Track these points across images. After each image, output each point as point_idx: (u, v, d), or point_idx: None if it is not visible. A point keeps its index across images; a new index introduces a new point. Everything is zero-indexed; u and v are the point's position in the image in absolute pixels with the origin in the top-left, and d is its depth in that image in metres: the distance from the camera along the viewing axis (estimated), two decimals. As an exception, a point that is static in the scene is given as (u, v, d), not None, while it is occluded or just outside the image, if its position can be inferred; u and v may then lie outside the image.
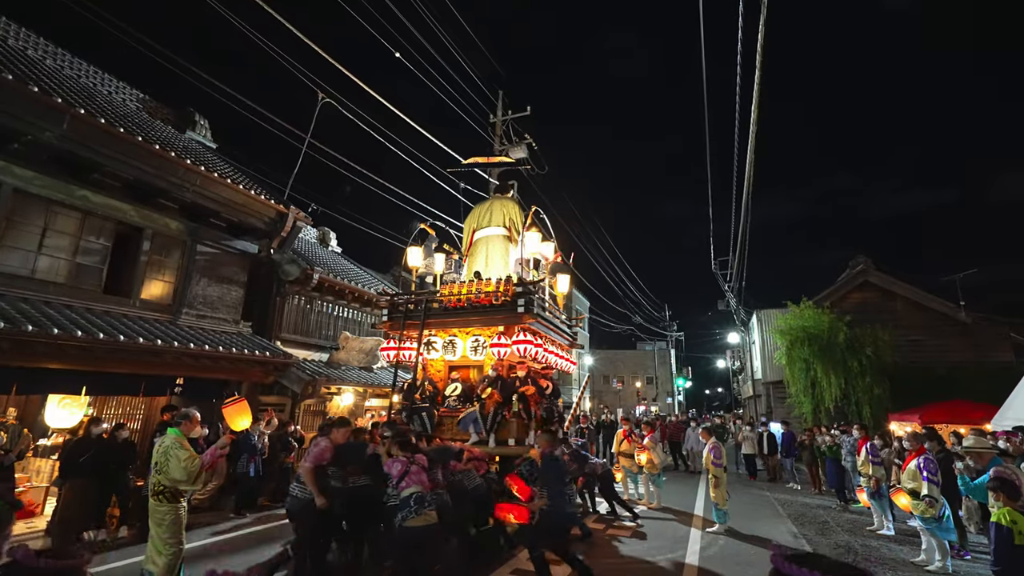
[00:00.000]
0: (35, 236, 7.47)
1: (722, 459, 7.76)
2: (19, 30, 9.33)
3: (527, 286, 7.67)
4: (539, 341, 7.72)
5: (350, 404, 12.03)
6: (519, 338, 7.28)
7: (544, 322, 8.14)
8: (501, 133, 13.48)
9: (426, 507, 4.46)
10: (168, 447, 4.33)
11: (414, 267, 9.22)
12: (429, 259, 9.41)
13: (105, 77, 10.77)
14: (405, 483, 4.54)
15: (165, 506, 4.30)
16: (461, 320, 8.01)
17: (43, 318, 6.65)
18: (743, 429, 14.48)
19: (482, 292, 7.83)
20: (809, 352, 15.48)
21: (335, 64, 8.21)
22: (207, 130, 12.42)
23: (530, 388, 7.62)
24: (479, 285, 8.05)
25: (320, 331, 12.87)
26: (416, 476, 4.61)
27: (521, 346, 7.22)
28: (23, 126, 6.77)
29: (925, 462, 6.08)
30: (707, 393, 61.59)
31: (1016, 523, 3.78)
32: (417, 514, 4.38)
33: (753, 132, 7.15)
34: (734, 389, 34.84)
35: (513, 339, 7.32)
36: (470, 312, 7.86)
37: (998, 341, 16.40)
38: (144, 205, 8.71)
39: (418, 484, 4.56)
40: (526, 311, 7.31)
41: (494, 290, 7.76)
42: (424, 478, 4.66)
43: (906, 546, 6.92)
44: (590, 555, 6.05)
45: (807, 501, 10.29)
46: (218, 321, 9.81)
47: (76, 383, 7.13)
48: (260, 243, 10.76)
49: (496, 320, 7.69)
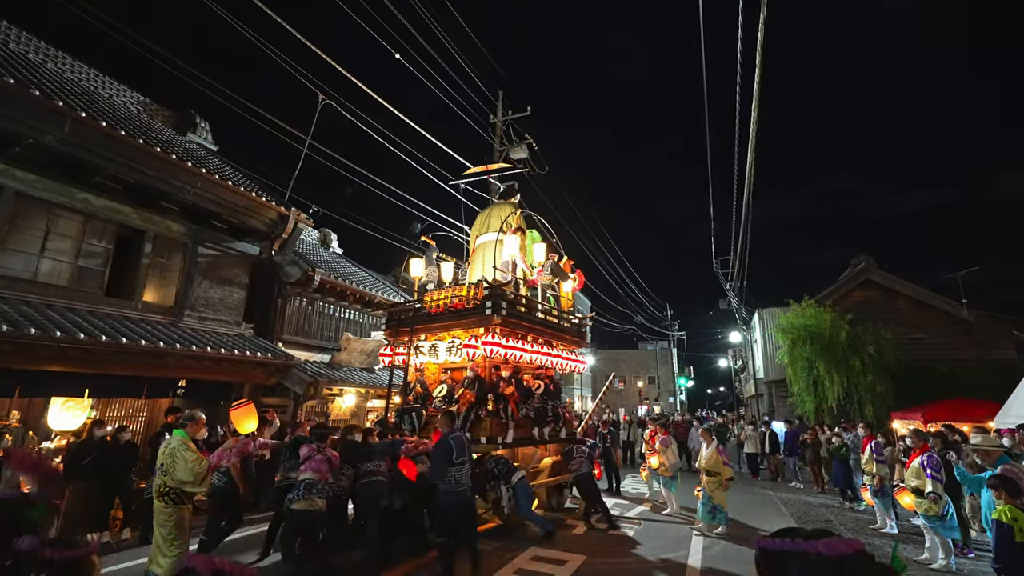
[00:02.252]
0: (37, 239, 7.50)
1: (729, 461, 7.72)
2: (20, 34, 9.35)
3: (495, 289, 7.93)
4: (513, 342, 7.92)
5: (352, 405, 12.04)
6: (488, 339, 7.49)
7: (527, 322, 8.32)
8: (501, 133, 13.49)
9: (313, 493, 4.80)
10: (174, 448, 4.34)
11: (416, 277, 9.52)
12: (431, 268, 9.67)
13: (106, 80, 10.80)
14: (304, 467, 4.97)
15: (170, 508, 4.31)
16: (442, 325, 8.43)
17: (46, 321, 6.67)
18: (745, 428, 14.46)
19: (456, 297, 8.25)
20: (811, 351, 15.47)
21: (335, 66, 8.23)
22: (208, 132, 12.44)
23: (508, 388, 7.81)
24: (454, 291, 8.50)
25: (322, 332, 12.88)
26: (315, 464, 4.96)
27: (491, 347, 7.45)
28: (25, 130, 6.78)
29: (928, 459, 6.08)
30: (709, 392, 61.48)
31: (1017, 520, 3.78)
32: (303, 498, 4.74)
33: (753, 131, 7.15)
34: (736, 388, 34.78)
35: (482, 340, 7.55)
36: (449, 317, 8.30)
37: (1001, 339, 16.38)
38: (145, 208, 8.73)
39: (315, 472, 4.92)
40: (494, 312, 7.56)
41: (466, 295, 8.14)
42: (323, 468, 4.99)
43: (909, 544, 6.91)
44: (592, 555, 6.07)
45: (810, 500, 10.28)
46: (220, 323, 9.83)
47: (79, 386, 7.15)
48: (261, 245, 10.77)
49: (470, 323, 8.02)
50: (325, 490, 4.99)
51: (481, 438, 7.39)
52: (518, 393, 7.93)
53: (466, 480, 5.23)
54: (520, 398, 7.91)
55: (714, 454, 7.65)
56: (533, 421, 8.12)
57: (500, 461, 6.87)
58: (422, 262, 9.64)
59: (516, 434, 7.66)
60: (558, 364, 9.36)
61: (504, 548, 6.30)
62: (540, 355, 8.55)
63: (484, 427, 7.46)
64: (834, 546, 1.06)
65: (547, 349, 8.82)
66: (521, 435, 7.83)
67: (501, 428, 7.47)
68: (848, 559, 1.04)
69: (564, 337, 9.41)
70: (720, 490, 7.38)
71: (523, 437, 7.89)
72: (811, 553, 1.06)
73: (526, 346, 8.22)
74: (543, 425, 8.28)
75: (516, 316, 8.05)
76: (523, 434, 7.90)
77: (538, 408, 8.21)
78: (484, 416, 7.54)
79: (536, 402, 8.26)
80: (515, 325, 8.03)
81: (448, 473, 5.12)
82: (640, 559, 6.15)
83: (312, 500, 4.77)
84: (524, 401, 8.03)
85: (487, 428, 7.44)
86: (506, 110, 13.73)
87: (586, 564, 5.79)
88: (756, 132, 7.18)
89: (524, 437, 7.92)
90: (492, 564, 5.69)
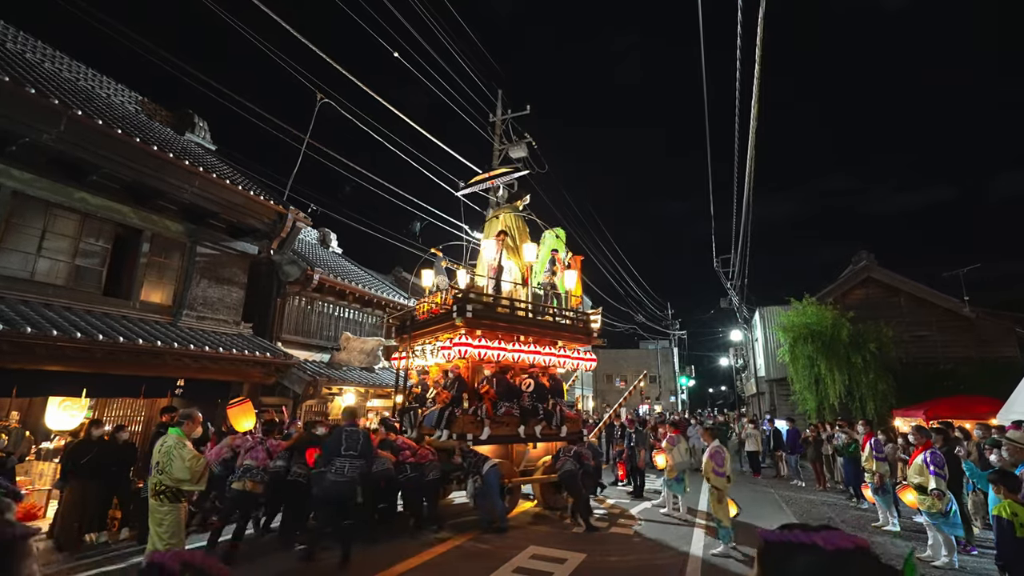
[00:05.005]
0: (34, 238, 7.48)
1: (724, 467, 6.38)
2: (17, 33, 9.34)
3: (464, 293, 8.48)
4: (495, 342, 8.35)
5: (352, 404, 12.02)
6: (458, 341, 8.04)
7: (506, 322, 8.63)
8: (501, 133, 13.44)
9: (247, 477, 5.83)
10: (171, 447, 4.32)
11: (427, 287, 10.26)
12: (440, 278, 10.25)
13: (104, 80, 10.79)
14: (248, 456, 6.05)
15: (166, 506, 4.29)
16: (429, 331, 9.15)
17: (43, 320, 6.65)
18: (746, 427, 14.40)
19: (434, 303, 9.03)
20: (812, 349, 15.41)
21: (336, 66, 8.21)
22: (207, 132, 12.42)
23: (484, 387, 8.31)
24: (433, 297, 9.29)
25: (321, 332, 12.86)
26: (254, 453, 6.07)
27: (461, 347, 8.00)
28: (21, 128, 6.76)
29: (932, 456, 6.03)
30: (711, 391, 61.38)
31: (1017, 515, 3.74)
32: (240, 480, 5.82)
33: (753, 128, 7.10)
34: (737, 387, 34.72)
35: (453, 342, 8.13)
36: (432, 323, 8.95)
37: (1003, 336, 16.30)
38: (143, 207, 8.71)
39: (254, 459, 6.01)
40: (458, 315, 8.04)
41: (440, 301, 8.88)
42: (262, 456, 6.09)
43: (912, 542, 6.86)
44: (592, 553, 6.03)
45: (812, 498, 10.23)
46: (218, 322, 9.81)
47: (76, 385, 7.14)
48: (260, 244, 10.75)
49: (445, 327, 8.57)
50: (259, 475, 5.92)
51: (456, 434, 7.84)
52: (503, 391, 8.27)
53: (350, 472, 5.64)
54: (497, 396, 8.22)
55: (707, 459, 6.55)
56: (519, 419, 8.25)
57: (470, 455, 7.36)
58: (432, 273, 10.31)
59: (501, 431, 8.01)
60: (557, 362, 9.32)
61: (504, 547, 6.26)
62: (526, 353, 8.75)
63: (459, 425, 7.86)
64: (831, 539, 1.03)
65: (537, 348, 8.89)
66: (505, 433, 8.11)
67: (476, 426, 7.83)
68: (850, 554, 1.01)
69: (560, 335, 9.33)
70: (718, 503, 6.35)
71: (507, 435, 8.16)
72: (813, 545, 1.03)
73: (507, 345, 8.55)
74: (531, 423, 8.40)
75: (490, 317, 8.41)
76: (508, 432, 8.16)
77: (525, 407, 8.36)
78: (459, 415, 7.94)
79: (525, 400, 8.43)
80: (490, 326, 8.38)
81: (334, 463, 5.64)
82: (640, 557, 6.10)
83: (246, 482, 5.76)
84: (510, 399, 8.29)
85: (461, 425, 7.84)
86: (505, 109, 13.68)
87: (586, 562, 5.74)
88: (756, 128, 7.13)
89: (508, 435, 8.18)
90: (492, 562, 5.66)
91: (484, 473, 7.10)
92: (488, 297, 8.76)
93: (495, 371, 8.54)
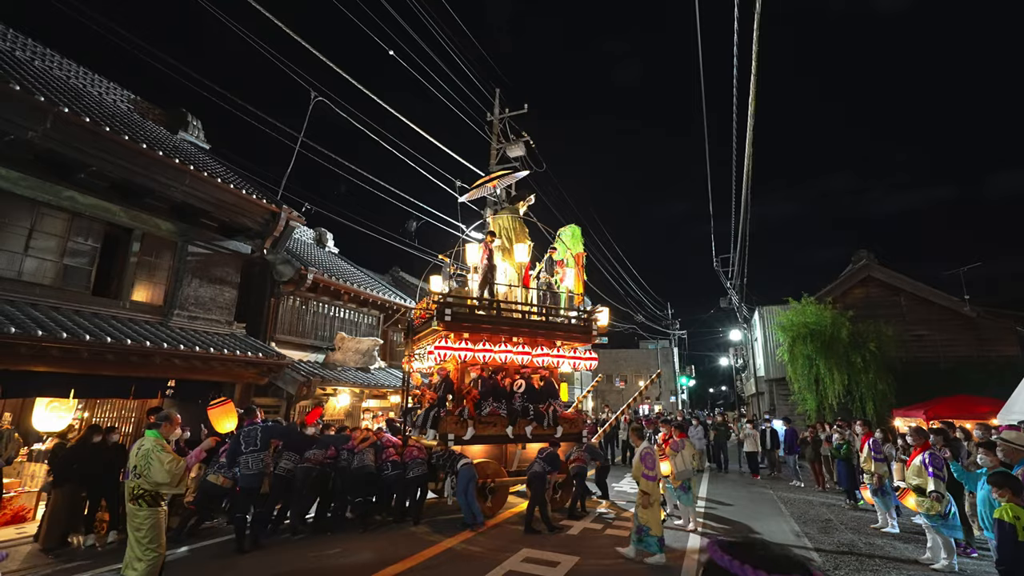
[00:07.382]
0: (21, 237, 7.38)
1: (655, 470, 6.01)
2: (7, 31, 9.25)
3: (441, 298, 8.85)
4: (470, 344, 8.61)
5: (347, 405, 11.92)
6: (440, 344, 8.39)
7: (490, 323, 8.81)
8: (499, 132, 13.34)
9: (221, 472, 6.50)
10: (148, 450, 4.21)
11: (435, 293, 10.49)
12: (447, 283, 10.57)
13: (96, 78, 10.68)
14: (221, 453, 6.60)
15: (145, 511, 4.18)
16: (423, 335, 9.63)
17: (28, 320, 6.55)
18: (745, 427, 14.30)
19: (423, 309, 9.46)
20: (812, 348, 15.30)
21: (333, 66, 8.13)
22: (200, 131, 12.31)
23: (466, 387, 8.57)
24: (422, 303, 9.78)
25: (316, 332, 12.75)
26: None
27: (441, 350, 8.35)
28: (6, 125, 6.66)
29: (930, 458, 5.92)
30: (711, 391, 61.18)
31: (1019, 519, 3.63)
32: (216, 474, 6.56)
33: (751, 127, 6.99)
34: (737, 387, 34.57)
35: (435, 345, 8.46)
36: (424, 327, 9.50)
37: (1003, 335, 16.18)
38: (133, 206, 8.61)
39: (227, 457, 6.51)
40: (438, 319, 8.36)
41: (425, 306, 9.34)
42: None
43: (911, 544, 6.76)
44: (585, 556, 5.92)
45: (810, 499, 10.11)
46: (211, 322, 9.71)
47: (64, 386, 7.04)
48: (253, 243, 10.64)
49: (432, 331, 8.91)
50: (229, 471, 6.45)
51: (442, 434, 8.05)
52: (486, 392, 8.47)
53: (256, 466, 6.18)
54: (480, 396, 8.42)
55: (637, 460, 6.17)
56: (508, 419, 8.35)
57: (444, 455, 7.63)
58: (440, 279, 10.68)
59: (487, 432, 8.23)
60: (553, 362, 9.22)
61: (496, 549, 6.16)
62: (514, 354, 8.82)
63: (443, 425, 8.06)
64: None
65: (528, 348, 8.88)
66: (493, 433, 8.28)
67: (460, 426, 8.05)
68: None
69: (555, 335, 9.22)
70: (644, 507, 5.87)
71: (494, 435, 8.30)
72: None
73: (492, 347, 8.69)
74: (520, 424, 8.46)
75: (471, 319, 8.65)
76: (496, 432, 8.31)
77: (514, 407, 8.46)
78: (443, 415, 8.14)
79: (516, 401, 8.52)
80: (472, 328, 8.58)
81: (238, 460, 6.22)
82: (633, 560, 5.99)
83: (219, 476, 6.52)
84: (496, 400, 8.45)
85: (445, 426, 8.05)
86: (503, 108, 13.58)
87: (578, 566, 5.64)
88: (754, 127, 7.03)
89: (495, 435, 8.32)
90: (483, 565, 5.56)
91: (458, 469, 7.25)
92: (472, 300, 8.95)
93: (487, 372, 8.62)
